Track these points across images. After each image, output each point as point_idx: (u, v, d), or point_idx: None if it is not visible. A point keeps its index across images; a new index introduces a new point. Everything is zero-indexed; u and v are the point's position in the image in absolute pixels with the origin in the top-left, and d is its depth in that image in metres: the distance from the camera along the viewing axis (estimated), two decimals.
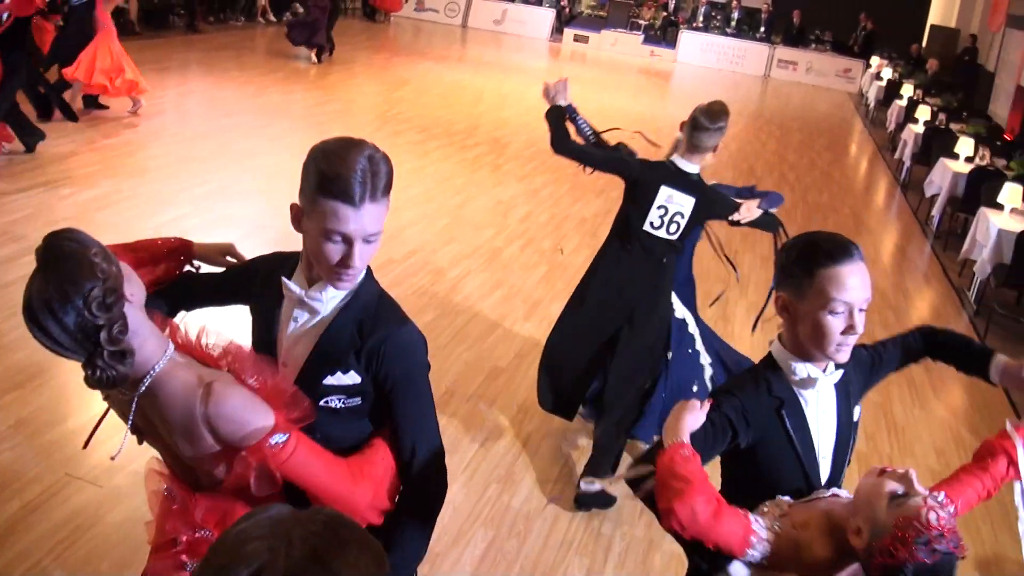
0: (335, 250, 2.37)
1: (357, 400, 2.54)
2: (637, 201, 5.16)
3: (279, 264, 2.62)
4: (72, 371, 3.81)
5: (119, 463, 4.64)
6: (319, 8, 17.67)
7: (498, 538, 4.85)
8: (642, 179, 5.14)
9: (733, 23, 27.29)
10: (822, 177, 14.29)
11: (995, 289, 9.23)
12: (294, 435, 2.33)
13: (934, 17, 28.13)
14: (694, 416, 2.60)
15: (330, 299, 2.50)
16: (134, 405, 2.29)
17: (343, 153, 2.32)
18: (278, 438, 2.30)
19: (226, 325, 2.55)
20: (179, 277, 2.78)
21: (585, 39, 26.14)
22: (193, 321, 2.50)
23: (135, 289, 2.29)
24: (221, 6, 21.75)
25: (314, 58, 17.97)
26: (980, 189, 10.72)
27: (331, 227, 2.33)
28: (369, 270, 2.57)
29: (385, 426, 2.62)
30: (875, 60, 23.98)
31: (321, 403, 2.49)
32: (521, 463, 5.56)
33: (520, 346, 7.09)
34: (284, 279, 2.53)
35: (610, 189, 11.73)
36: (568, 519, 5.11)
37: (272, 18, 23.17)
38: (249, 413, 2.28)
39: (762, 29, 27.07)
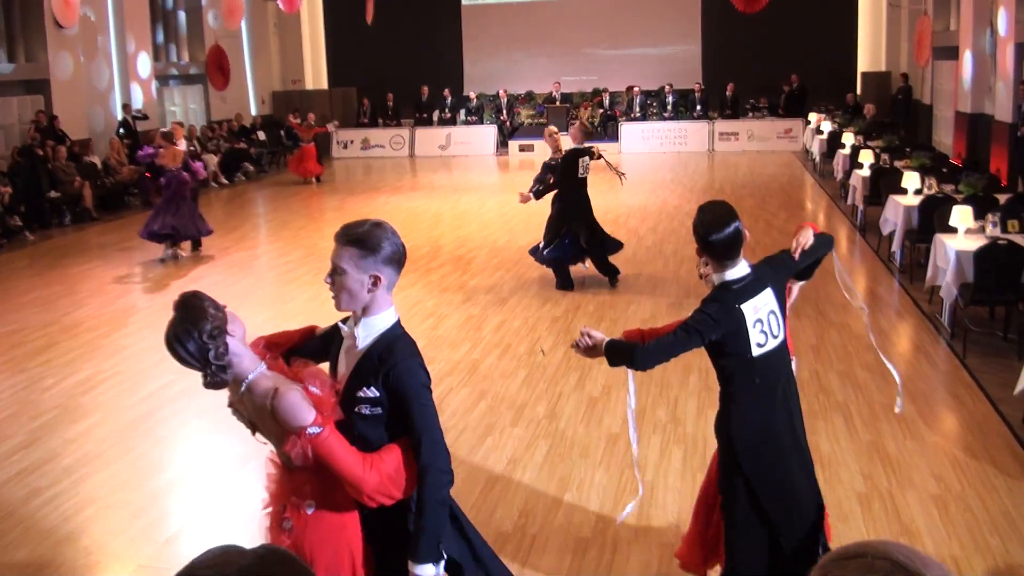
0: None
1: (379, 409, 3.53)
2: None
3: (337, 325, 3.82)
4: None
5: None
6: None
7: None
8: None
9: (669, 107, 27.86)
10: (780, 235, 14.49)
11: (965, 309, 9.36)
12: (328, 429, 3.39)
13: (863, 65, 28.79)
14: None
15: (364, 336, 3.57)
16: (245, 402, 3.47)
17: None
18: (314, 429, 3.36)
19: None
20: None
21: (531, 147, 26.58)
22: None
23: (236, 328, 3.46)
24: None
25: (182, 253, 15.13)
26: (932, 217, 10.94)
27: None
28: (397, 319, 3.63)
29: (402, 435, 3.56)
30: (813, 116, 24.49)
31: (355, 409, 3.54)
32: (529, 565, 5.58)
33: (512, 451, 7.14)
34: (339, 323, 3.73)
35: (576, 286, 11.89)
36: None
37: (224, 180, 23.54)
38: (297, 410, 3.35)
39: (698, 107, 27.64)
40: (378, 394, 3.48)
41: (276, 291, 12.22)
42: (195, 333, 3.33)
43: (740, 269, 4.27)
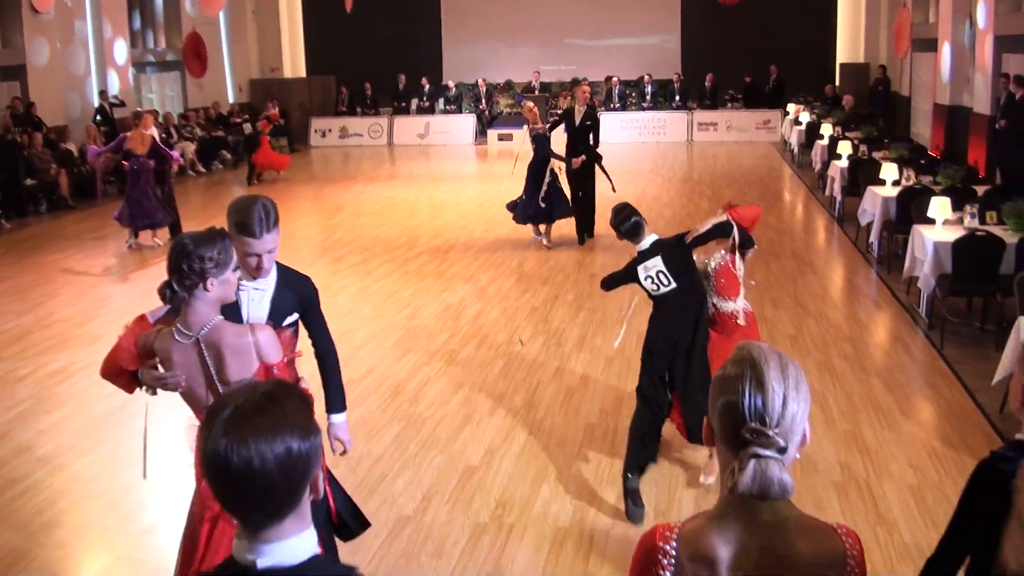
0: (253, 262, 4.17)
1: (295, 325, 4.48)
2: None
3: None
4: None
5: None
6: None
7: None
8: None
9: (648, 97, 27.84)
10: (760, 226, 14.51)
11: (943, 300, 9.38)
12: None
13: (842, 56, 28.87)
14: None
15: (267, 284, 4.33)
16: (203, 346, 3.75)
17: (245, 206, 4.13)
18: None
19: None
20: None
21: (509, 136, 26.48)
22: None
23: (221, 291, 3.76)
24: None
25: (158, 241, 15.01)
26: (910, 208, 10.96)
27: (247, 251, 4.12)
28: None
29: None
30: (792, 107, 24.50)
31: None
32: (507, 556, 5.55)
33: (489, 441, 7.11)
34: (242, 282, 4.18)
35: (554, 275, 11.88)
36: None
37: (201, 168, 23.41)
38: (275, 341, 3.84)
39: (677, 98, 27.63)
40: (297, 315, 4.47)
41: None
42: (194, 253, 3.66)
43: (645, 243, 6.22)
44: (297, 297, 4.42)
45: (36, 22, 20.41)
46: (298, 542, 2.02)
